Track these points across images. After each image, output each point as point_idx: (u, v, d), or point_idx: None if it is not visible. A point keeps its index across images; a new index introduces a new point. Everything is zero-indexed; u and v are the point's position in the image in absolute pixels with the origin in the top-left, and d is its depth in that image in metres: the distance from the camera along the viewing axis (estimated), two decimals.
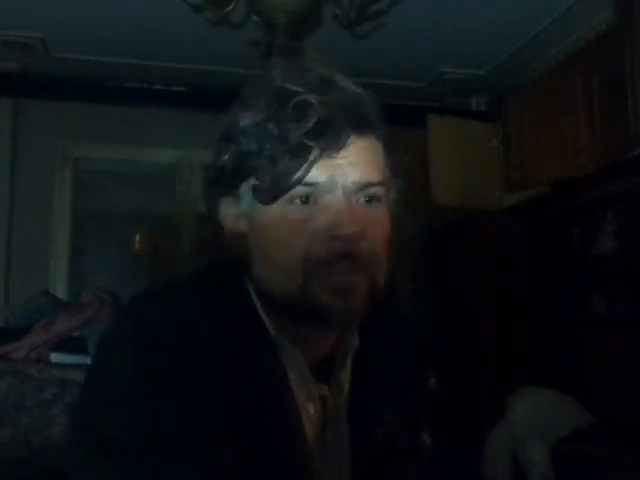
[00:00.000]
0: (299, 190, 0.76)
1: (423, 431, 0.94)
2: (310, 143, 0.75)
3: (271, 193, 0.76)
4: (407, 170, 0.88)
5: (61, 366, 2.05)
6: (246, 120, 0.78)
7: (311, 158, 0.75)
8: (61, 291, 3.68)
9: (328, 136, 0.75)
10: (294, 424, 0.80)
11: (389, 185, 0.83)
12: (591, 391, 2.70)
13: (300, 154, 0.75)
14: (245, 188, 0.80)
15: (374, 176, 0.79)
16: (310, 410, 0.84)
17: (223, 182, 0.81)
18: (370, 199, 0.79)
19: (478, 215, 3.31)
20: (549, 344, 2.99)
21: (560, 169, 2.87)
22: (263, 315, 0.82)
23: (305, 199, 0.76)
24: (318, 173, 0.76)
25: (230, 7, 2.35)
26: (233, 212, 0.82)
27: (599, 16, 2.97)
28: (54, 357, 2.11)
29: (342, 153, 0.76)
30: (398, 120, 0.83)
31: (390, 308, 0.94)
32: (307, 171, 0.75)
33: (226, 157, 0.80)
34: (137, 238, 4.06)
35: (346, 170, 0.77)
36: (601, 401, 2.64)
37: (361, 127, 0.78)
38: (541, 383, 2.84)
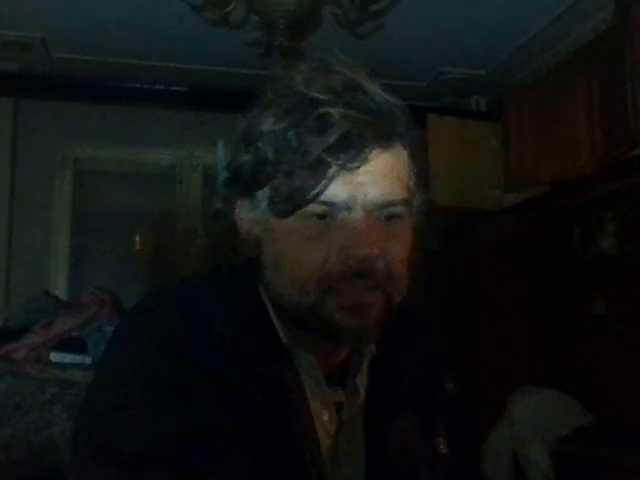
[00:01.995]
0: (317, 207, 0.73)
1: (440, 438, 0.92)
2: (329, 159, 0.72)
3: (286, 207, 0.74)
4: None
5: (61, 366, 2.04)
6: (266, 125, 0.75)
7: (329, 175, 0.72)
8: (61, 291, 3.67)
9: (350, 151, 0.72)
10: (307, 430, 0.79)
11: (414, 197, 0.80)
12: (591, 391, 2.70)
13: (318, 170, 0.72)
14: (262, 195, 0.77)
15: (397, 194, 0.76)
16: (324, 417, 0.82)
17: (240, 183, 0.79)
18: (391, 216, 0.76)
19: (478, 215, 3.31)
20: (549, 344, 2.99)
21: (560, 169, 2.87)
22: (276, 322, 0.80)
23: (323, 215, 0.74)
24: (337, 191, 0.73)
25: (230, 7, 2.36)
26: (249, 217, 0.79)
27: (599, 16, 2.96)
28: (54, 357, 2.11)
29: (364, 168, 0.73)
30: None
31: (407, 313, 0.91)
32: (325, 188, 0.72)
33: (244, 159, 0.77)
34: (137, 238, 4.06)
35: (367, 188, 0.74)
36: (601, 401, 2.64)
37: (387, 138, 0.75)
38: (541, 383, 2.84)
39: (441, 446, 0.91)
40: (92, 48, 3.38)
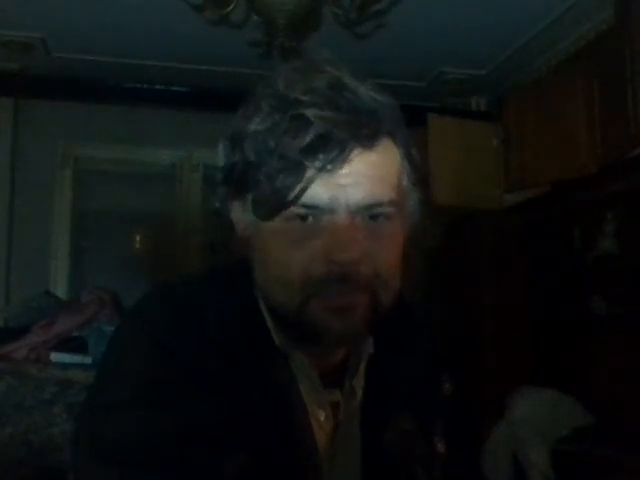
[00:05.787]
0: (299, 210, 0.72)
1: (437, 438, 0.92)
2: (306, 162, 0.70)
3: (267, 210, 0.73)
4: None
5: (61, 366, 2.04)
6: (250, 127, 0.75)
7: (307, 177, 0.71)
8: (61, 291, 3.68)
9: (328, 153, 0.70)
10: (303, 430, 0.79)
11: (405, 197, 0.78)
12: (591, 391, 2.70)
13: (296, 172, 0.71)
14: (250, 197, 0.77)
15: (382, 195, 0.74)
16: (320, 416, 0.82)
17: (231, 185, 0.79)
18: (377, 217, 0.74)
19: (478, 215, 3.31)
20: (549, 344, 2.99)
21: (560, 169, 2.87)
22: (269, 322, 0.80)
23: (305, 218, 0.73)
24: (318, 194, 0.72)
25: (230, 7, 2.36)
26: (242, 217, 0.79)
27: (599, 16, 2.96)
28: (54, 357, 2.11)
29: (346, 169, 0.71)
30: None
31: (404, 314, 0.91)
32: (304, 191, 0.71)
33: (233, 161, 0.77)
34: (137, 238, 4.06)
35: (349, 190, 0.72)
36: (601, 401, 2.64)
37: (370, 137, 0.73)
38: (541, 383, 2.84)
39: (439, 445, 0.92)
40: (92, 48, 3.38)
